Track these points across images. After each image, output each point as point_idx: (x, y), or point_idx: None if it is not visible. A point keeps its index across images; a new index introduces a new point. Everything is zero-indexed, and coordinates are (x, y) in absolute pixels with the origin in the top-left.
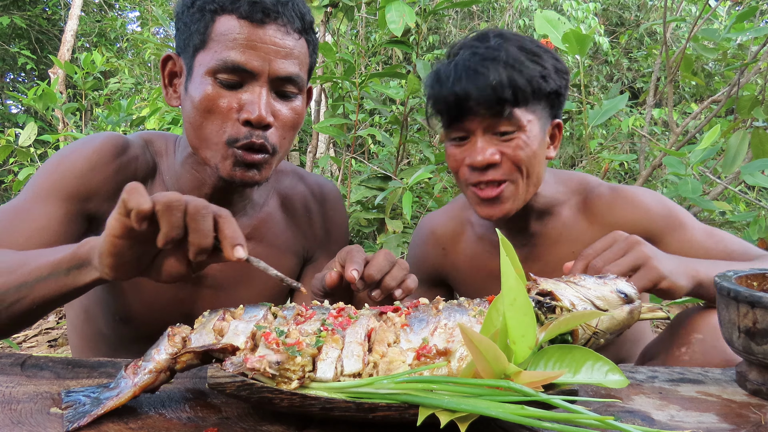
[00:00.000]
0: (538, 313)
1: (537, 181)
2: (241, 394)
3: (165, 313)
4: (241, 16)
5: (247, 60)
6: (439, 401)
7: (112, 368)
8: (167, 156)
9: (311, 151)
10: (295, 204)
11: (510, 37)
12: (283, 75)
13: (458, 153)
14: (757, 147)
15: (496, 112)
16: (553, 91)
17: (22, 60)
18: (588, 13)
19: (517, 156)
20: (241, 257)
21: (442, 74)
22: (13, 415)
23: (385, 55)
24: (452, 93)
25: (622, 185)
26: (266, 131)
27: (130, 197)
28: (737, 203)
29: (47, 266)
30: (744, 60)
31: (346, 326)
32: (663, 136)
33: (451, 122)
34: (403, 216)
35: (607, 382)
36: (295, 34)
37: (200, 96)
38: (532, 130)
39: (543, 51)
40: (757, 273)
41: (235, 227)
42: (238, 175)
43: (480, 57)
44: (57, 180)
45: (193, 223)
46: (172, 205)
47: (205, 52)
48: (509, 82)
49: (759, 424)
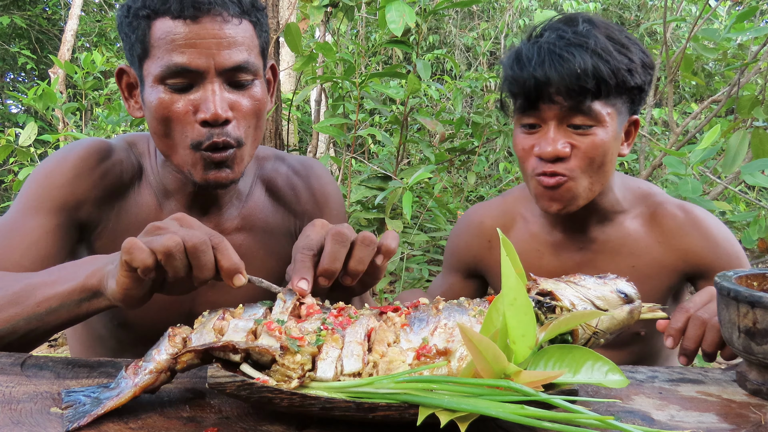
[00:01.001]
0: (538, 313)
1: (604, 180)
2: (241, 394)
3: (163, 315)
4: (175, 17)
5: (189, 60)
6: (439, 401)
7: (112, 368)
8: (150, 157)
9: (311, 150)
10: (279, 185)
11: (599, 23)
12: (230, 65)
13: (528, 141)
14: (757, 147)
15: (575, 102)
16: (637, 86)
17: (22, 60)
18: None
19: (590, 152)
20: (242, 284)
21: (524, 55)
22: (13, 415)
23: (385, 55)
24: (532, 76)
25: (692, 205)
26: (227, 126)
27: (132, 257)
28: (737, 203)
29: (56, 298)
30: (744, 60)
31: (346, 326)
32: (663, 136)
33: (525, 107)
34: (403, 216)
35: (607, 382)
36: (234, 20)
37: (155, 105)
38: (610, 124)
39: (632, 43)
40: (757, 273)
41: (231, 255)
42: (211, 178)
43: (566, 41)
44: (44, 192)
45: (195, 260)
46: (172, 252)
47: (150, 60)
48: (594, 71)
49: (759, 424)
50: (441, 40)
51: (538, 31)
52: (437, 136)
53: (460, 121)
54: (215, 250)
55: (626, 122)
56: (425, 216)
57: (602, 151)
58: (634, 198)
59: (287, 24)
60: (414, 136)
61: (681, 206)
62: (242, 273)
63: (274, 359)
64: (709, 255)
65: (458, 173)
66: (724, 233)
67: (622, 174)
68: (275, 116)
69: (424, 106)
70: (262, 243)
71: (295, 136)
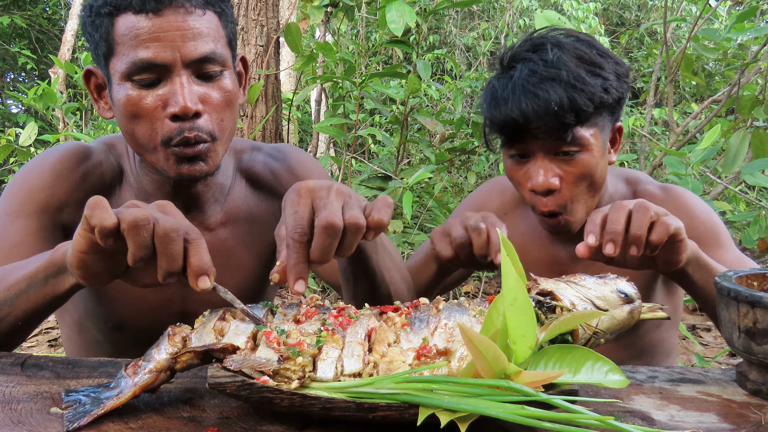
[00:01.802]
0: (538, 313)
1: (599, 193)
2: (241, 394)
3: (156, 315)
4: (137, 11)
5: (155, 54)
6: (439, 401)
7: (112, 368)
8: (129, 158)
9: (311, 150)
10: (258, 173)
11: (568, 46)
12: (196, 57)
13: (519, 173)
14: (757, 147)
15: (558, 135)
16: (616, 99)
17: (22, 60)
18: (588, 13)
19: (579, 178)
20: (206, 288)
21: (499, 94)
22: (13, 415)
23: (386, 54)
24: (509, 117)
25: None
26: (198, 120)
27: (92, 213)
28: (737, 203)
29: (24, 279)
30: (744, 60)
31: (346, 326)
32: (663, 136)
33: (509, 142)
34: (403, 216)
35: (607, 382)
36: (197, 11)
37: (123, 103)
38: (596, 143)
39: (603, 57)
40: (757, 273)
41: (203, 253)
42: (185, 171)
43: (539, 77)
44: (25, 196)
45: (162, 246)
46: (138, 224)
47: (115, 57)
48: (570, 104)
49: (759, 424)
50: (441, 40)
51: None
52: (437, 136)
53: (460, 121)
54: (188, 244)
55: (610, 131)
56: (425, 216)
57: (591, 172)
58: (624, 187)
59: (287, 24)
60: (414, 136)
61: (662, 186)
62: (209, 276)
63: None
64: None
65: (458, 173)
66: (702, 207)
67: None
68: (275, 116)
69: (425, 106)
70: (248, 234)
71: (295, 136)
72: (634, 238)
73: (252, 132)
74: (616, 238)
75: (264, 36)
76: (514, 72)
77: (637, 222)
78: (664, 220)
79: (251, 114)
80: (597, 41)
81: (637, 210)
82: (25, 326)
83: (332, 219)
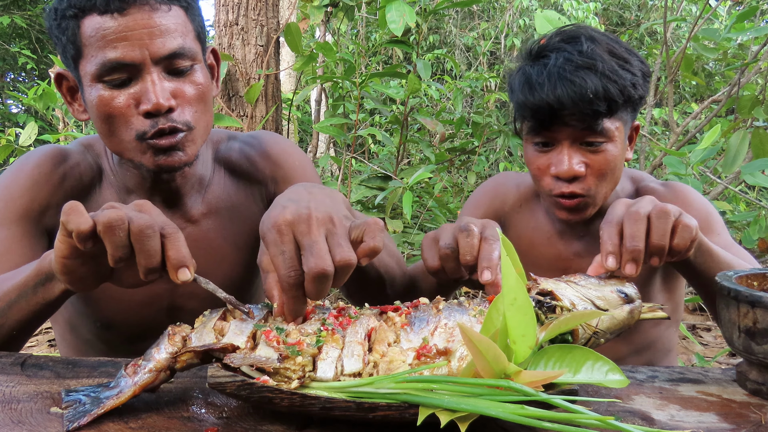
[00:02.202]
0: (538, 313)
1: (615, 186)
2: (241, 394)
3: (144, 312)
4: (102, 12)
5: (123, 54)
6: (439, 401)
7: (112, 367)
8: (108, 157)
9: (311, 150)
10: (235, 161)
11: (601, 40)
12: (165, 53)
13: (542, 160)
14: (757, 147)
15: (589, 124)
16: (640, 96)
17: (22, 60)
18: (588, 13)
19: (603, 168)
20: (186, 280)
21: (534, 80)
22: (13, 415)
23: (386, 54)
24: (545, 102)
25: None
26: (171, 114)
27: (68, 219)
28: (737, 203)
29: (15, 289)
30: (744, 60)
31: (346, 326)
32: (663, 136)
33: (538, 129)
34: (404, 216)
35: (607, 382)
36: (163, 7)
37: (96, 104)
38: (619, 136)
39: (631, 54)
40: (757, 273)
41: (180, 246)
42: (163, 162)
43: (575, 65)
44: (6, 203)
45: (138, 244)
46: (113, 225)
47: (84, 59)
48: (605, 93)
49: (759, 424)
50: (441, 40)
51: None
52: (437, 136)
53: (460, 121)
54: (165, 238)
55: (629, 129)
56: (425, 216)
57: (614, 164)
58: (629, 185)
59: (287, 24)
60: (414, 136)
61: (664, 183)
62: (189, 268)
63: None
64: None
65: (458, 173)
66: (700, 198)
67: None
68: (275, 116)
69: (425, 106)
70: (231, 224)
71: (295, 136)
72: (656, 249)
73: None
74: (638, 257)
75: (264, 36)
76: (549, 60)
77: (659, 231)
78: (685, 223)
79: (251, 114)
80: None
81: (657, 216)
82: (21, 334)
83: (322, 267)
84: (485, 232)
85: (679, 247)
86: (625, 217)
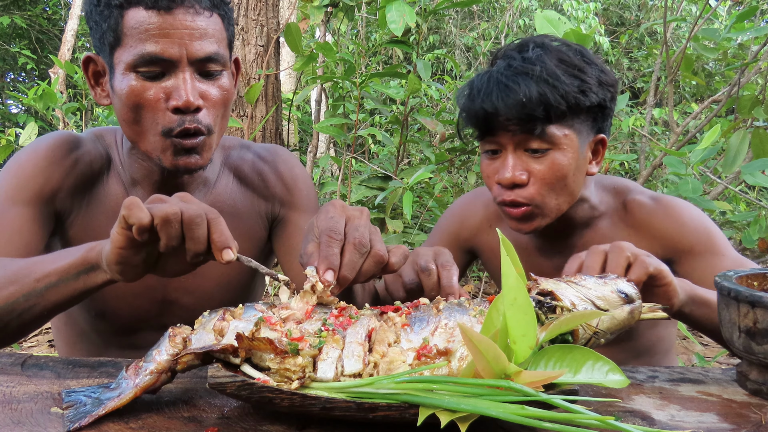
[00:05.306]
0: (538, 313)
1: (571, 198)
2: (241, 394)
3: (138, 302)
4: (148, 7)
5: (163, 49)
6: (440, 401)
7: (112, 368)
8: (117, 148)
9: (311, 150)
10: (246, 172)
11: (551, 47)
12: (201, 56)
13: (490, 167)
14: (757, 147)
15: (527, 129)
16: (595, 104)
17: (22, 60)
18: (588, 13)
19: (547, 176)
20: (230, 259)
21: (474, 87)
22: (13, 415)
23: (386, 54)
24: (481, 108)
25: (665, 195)
26: (197, 114)
27: (130, 213)
28: (737, 203)
29: (55, 273)
30: (744, 60)
31: (346, 326)
32: (663, 136)
33: (482, 136)
34: (404, 216)
35: (608, 382)
36: (205, 12)
37: (126, 92)
38: (569, 145)
39: (588, 63)
40: (757, 273)
41: (223, 229)
42: (181, 164)
43: (513, 70)
44: (20, 183)
45: (189, 232)
46: (169, 218)
47: (122, 48)
48: (540, 98)
49: (759, 424)
50: (441, 40)
51: (492, 58)
52: (437, 136)
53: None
54: (209, 223)
55: (591, 140)
56: (425, 216)
57: (561, 173)
58: (611, 198)
59: (287, 24)
60: (414, 136)
61: (653, 196)
62: (231, 249)
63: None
64: (675, 236)
65: (458, 173)
66: (696, 216)
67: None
68: (275, 116)
69: (425, 106)
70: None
71: (295, 136)
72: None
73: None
74: None
75: (264, 36)
76: (494, 68)
77: (612, 263)
78: (642, 259)
79: (251, 114)
80: (589, 52)
81: (612, 251)
82: (48, 316)
83: (362, 238)
84: (439, 260)
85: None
86: (587, 253)
